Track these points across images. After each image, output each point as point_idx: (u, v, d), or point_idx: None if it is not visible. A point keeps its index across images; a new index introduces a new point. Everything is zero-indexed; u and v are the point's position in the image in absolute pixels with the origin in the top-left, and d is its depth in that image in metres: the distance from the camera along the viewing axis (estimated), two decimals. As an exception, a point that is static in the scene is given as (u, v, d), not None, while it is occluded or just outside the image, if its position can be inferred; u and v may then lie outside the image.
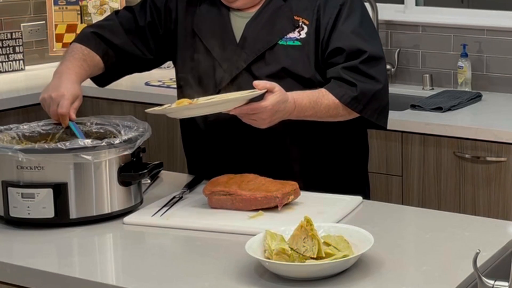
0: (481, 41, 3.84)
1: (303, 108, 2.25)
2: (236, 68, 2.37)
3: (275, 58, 2.35)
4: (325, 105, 2.29)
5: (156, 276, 1.83)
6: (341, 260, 1.77)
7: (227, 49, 2.39)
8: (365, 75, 2.32)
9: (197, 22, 2.45)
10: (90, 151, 2.08)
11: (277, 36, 2.37)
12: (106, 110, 4.00)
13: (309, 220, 1.83)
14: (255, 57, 2.36)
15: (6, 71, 4.36)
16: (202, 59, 2.42)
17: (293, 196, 2.18)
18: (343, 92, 2.30)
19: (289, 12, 2.38)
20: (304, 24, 2.37)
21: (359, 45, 2.33)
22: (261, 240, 1.86)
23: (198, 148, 2.51)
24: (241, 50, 2.37)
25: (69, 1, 4.57)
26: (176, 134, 3.88)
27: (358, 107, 2.32)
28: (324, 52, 2.35)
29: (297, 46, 2.36)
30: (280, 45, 2.36)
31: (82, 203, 2.10)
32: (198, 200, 2.23)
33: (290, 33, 2.36)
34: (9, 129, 2.28)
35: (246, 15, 2.41)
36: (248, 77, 2.34)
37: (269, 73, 2.34)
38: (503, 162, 3.20)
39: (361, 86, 2.31)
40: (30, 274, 1.89)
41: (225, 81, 2.37)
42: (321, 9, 2.36)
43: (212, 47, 2.41)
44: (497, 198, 3.24)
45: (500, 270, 1.88)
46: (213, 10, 2.44)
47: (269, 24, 2.38)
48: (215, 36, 2.42)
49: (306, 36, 2.36)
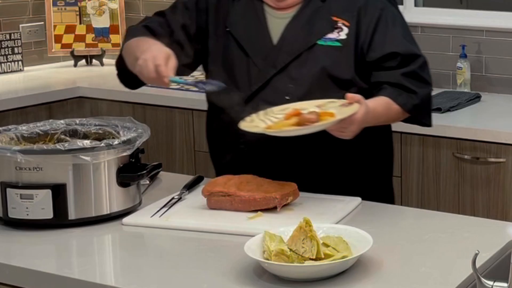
0: (480, 42, 3.84)
1: (378, 116, 2.25)
2: (274, 68, 2.34)
3: (314, 58, 2.33)
4: (393, 114, 2.30)
5: (155, 277, 1.83)
6: (340, 261, 1.77)
7: (263, 49, 2.37)
8: (422, 80, 2.34)
9: (231, 21, 2.42)
10: (89, 152, 2.08)
11: (315, 37, 2.35)
12: (105, 111, 4.00)
13: (308, 221, 1.82)
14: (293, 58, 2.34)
15: (5, 72, 4.36)
16: (235, 58, 2.39)
17: (292, 197, 2.18)
18: (405, 100, 2.30)
19: (328, 13, 2.36)
20: (344, 25, 2.35)
21: (413, 50, 2.35)
22: (260, 241, 1.86)
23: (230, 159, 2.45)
24: (279, 50, 2.35)
25: (68, 2, 4.57)
26: (175, 135, 3.88)
27: (418, 114, 2.34)
28: (367, 54, 2.34)
29: (337, 46, 2.34)
30: (319, 45, 2.34)
31: (81, 204, 2.10)
32: (197, 201, 2.23)
33: (329, 34, 2.35)
34: (7, 130, 2.27)
35: (282, 16, 2.39)
36: (284, 77, 2.33)
37: (308, 73, 2.33)
38: (502, 163, 3.20)
39: (420, 93, 2.32)
40: (28, 275, 1.88)
41: (261, 81, 2.35)
42: (362, 11, 2.35)
43: (248, 46, 2.38)
44: (496, 199, 3.24)
45: (499, 271, 1.88)
46: (248, 9, 2.42)
47: (308, 25, 2.36)
48: (250, 36, 2.40)
49: (346, 37, 2.34)
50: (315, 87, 2.32)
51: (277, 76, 2.34)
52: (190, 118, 3.82)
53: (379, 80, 2.34)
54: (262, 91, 2.34)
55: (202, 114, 3.78)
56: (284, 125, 2.09)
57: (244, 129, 2.14)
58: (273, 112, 2.19)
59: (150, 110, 3.90)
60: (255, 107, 2.28)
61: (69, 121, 2.33)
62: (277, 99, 2.29)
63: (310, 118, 2.07)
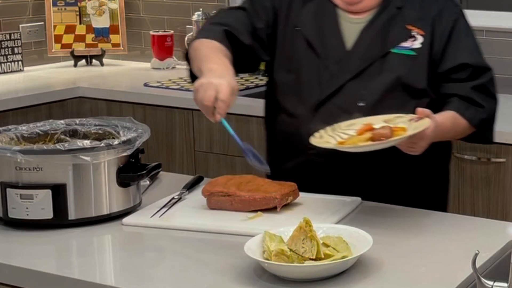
0: (480, 42, 3.82)
1: (445, 131, 2.21)
2: (348, 73, 2.30)
3: (388, 67, 2.30)
4: (460, 130, 2.27)
5: (155, 277, 1.83)
6: (340, 261, 1.77)
7: (335, 53, 2.33)
8: (490, 95, 2.33)
9: (301, 21, 2.38)
10: (89, 152, 2.08)
11: (390, 44, 2.31)
12: (105, 111, 4.00)
13: (308, 221, 1.82)
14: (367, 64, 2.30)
15: (5, 72, 4.35)
16: (303, 59, 2.34)
17: (292, 197, 2.18)
18: (473, 115, 2.28)
19: (403, 20, 2.33)
20: (419, 34, 2.32)
21: (483, 62, 2.34)
22: (260, 241, 1.85)
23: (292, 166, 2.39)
24: (353, 56, 2.31)
25: (68, 2, 4.57)
26: (175, 135, 3.88)
27: (483, 128, 2.33)
28: (439, 64, 2.32)
29: (411, 55, 2.31)
30: (393, 53, 2.31)
31: (81, 204, 2.10)
32: (197, 201, 2.23)
33: (403, 42, 2.31)
34: (7, 130, 2.27)
35: (356, 21, 2.36)
36: (357, 83, 2.29)
37: (382, 81, 2.29)
38: (502, 163, 3.20)
39: (487, 108, 2.31)
40: (28, 275, 1.88)
41: (333, 86, 2.30)
42: (436, 20, 2.33)
43: (319, 48, 2.33)
44: (496, 199, 3.24)
45: (499, 271, 1.88)
46: (320, 11, 2.38)
47: (383, 32, 2.33)
48: (323, 39, 2.35)
49: (421, 46, 2.31)
50: (388, 95, 2.29)
51: (350, 81, 2.30)
52: (190, 118, 3.82)
53: (448, 92, 2.30)
54: (334, 97, 2.30)
55: (202, 114, 3.74)
56: (359, 141, 2.05)
57: (316, 145, 2.08)
58: (341, 128, 2.14)
59: (150, 110, 3.90)
60: (326, 113, 2.26)
61: (69, 121, 2.33)
62: (350, 105, 2.27)
63: (385, 133, 2.03)
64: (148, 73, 4.37)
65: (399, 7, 2.35)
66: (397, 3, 2.35)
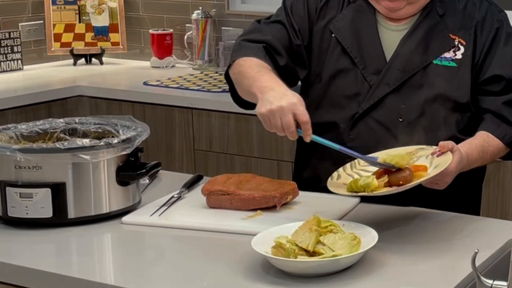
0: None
1: (472, 161, 2.13)
2: (387, 86, 2.21)
3: (429, 80, 2.21)
4: (490, 153, 2.17)
5: (155, 276, 1.83)
6: (332, 259, 1.76)
7: (374, 62, 2.24)
8: None
9: (337, 27, 2.28)
10: (88, 150, 2.08)
11: (432, 55, 2.22)
12: (105, 109, 4.00)
13: (317, 217, 1.83)
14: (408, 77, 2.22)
15: (4, 71, 4.35)
16: (341, 69, 2.26)
17: (292, 196, 2.18)
18: (505, 133, 2.20)
19: (445, 30, 2.24)
20: (461, 44, 2.23)
21: None
22: (269, 236, 1.85)
23: (308, 176, 2.36)
24: (392, 66, 2.22)
25: (67, 1, 4.57)
26: (174, 134, 3.88)
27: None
28: (477, 76, 2.23)
29: (452, 67, 2.22)
30: (434, 64, 2.22)
31: (80, 203, 2.10)
32: (197, 199, 2.23)
33: (446, 53, 2.23)
34: (7, 128, 2.27)
35: (396, 28, 2.27)
36: (397, 97, 2.21)
37: (423, 95, 2.21)
38: (501, 162, 3.20)
39: None
40: (28, 274, 1.88)
41: (373, 99, 2.22)
42: (478, 29, 2.24)
43: (357, 56, 2.25)
44: (496, 198, 3.24)
45: (499, 270, 1.88)
46: (358, 15, 2.28)
47: (424, 41, 2.23)
48: (360, 47, 2.26)
49: (462, 57, 2.22)
50: (429, 110, 2.21)
51: (390, 95, 2.22)
52: (189, 117, 3.82)
53: (482, 106, 2.23)
54: (373, 110, 2.22)
55: (201, 113, 3.79)
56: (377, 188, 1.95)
57: (332, 191, 2.00)
58: (360, 165, 2.08)
59: (149, 109, 3.90)
60: (366, 127, 2.21)
61: (68, 120, 2.32)
62: (390, 121, 2.21)
63: (405, 177, 1.95)
64: (148, 71, 4.37)
65: (441, 14, 2.26)
66: (439, 10, 2.26)
